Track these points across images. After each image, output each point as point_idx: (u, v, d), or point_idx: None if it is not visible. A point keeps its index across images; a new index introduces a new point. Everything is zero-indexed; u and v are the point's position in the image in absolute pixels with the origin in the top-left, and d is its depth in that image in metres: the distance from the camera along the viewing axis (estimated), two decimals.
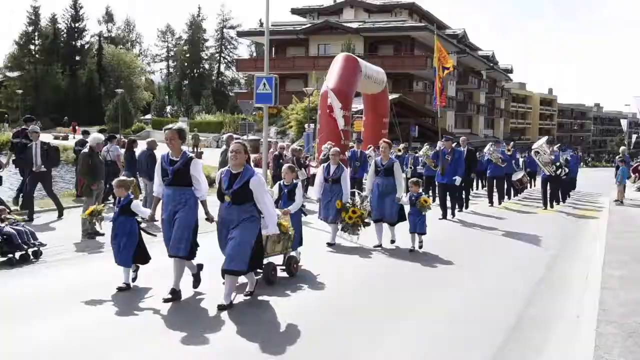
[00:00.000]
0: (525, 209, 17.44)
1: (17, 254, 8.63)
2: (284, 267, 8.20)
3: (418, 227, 10.25)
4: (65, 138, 49.13)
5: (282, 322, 6.26)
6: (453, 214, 14.50)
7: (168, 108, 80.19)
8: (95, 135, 12.09)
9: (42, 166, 12.48)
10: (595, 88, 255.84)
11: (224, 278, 6.70)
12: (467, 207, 16.50)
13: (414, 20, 57.75)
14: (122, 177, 8.09)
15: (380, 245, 10.42)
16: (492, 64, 74.30)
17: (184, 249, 6.82)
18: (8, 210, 9.63)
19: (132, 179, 8.02)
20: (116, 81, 73.59)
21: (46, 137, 49.09)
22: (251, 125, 30.52)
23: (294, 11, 65.27)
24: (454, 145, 15.16)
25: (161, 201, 7.09)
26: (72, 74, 76.08)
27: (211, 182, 11.08)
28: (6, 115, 66.44)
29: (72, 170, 27.13)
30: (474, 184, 21.51)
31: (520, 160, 21.83)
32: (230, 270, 6.52)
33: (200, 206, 7.02)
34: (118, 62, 76.51)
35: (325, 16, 59.09)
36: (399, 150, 19.90)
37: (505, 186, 19.02)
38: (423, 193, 10.58)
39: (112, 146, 15.29)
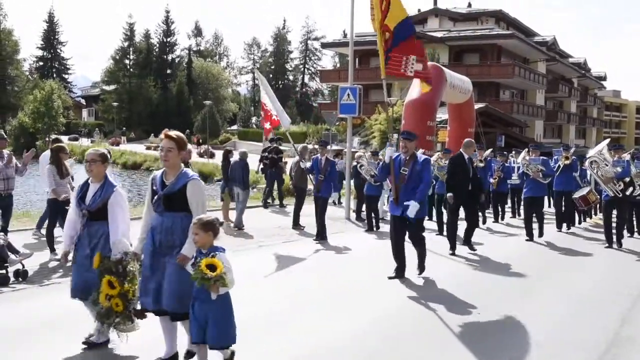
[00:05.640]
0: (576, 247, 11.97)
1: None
2: None
3: (209, 330, 4.61)
4: (157, 148, 51.14)
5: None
6: (419, 270, 8.81)
7: (253, 119, 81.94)
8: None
9: None
10: None
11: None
12: (471, 247, 10.76)
13: (500, 27, 56.50)
14: None
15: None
16: (584, 72, 71.64)
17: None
18: None
19: None
20: (204, 93, 75.97)
21: (138, 148, 51.70)
22: (334, 136, 30.81)
23: None
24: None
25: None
26: (163, 87, 79.14)
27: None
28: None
29: None
30: (513, 209, 17.20)
31: (588, 172, 14.00)
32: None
33: None
34: (206, 75, 79.05)
35: None
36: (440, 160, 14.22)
37: (555, 209, 14.68)
38: (217, 251, 4.63)
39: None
